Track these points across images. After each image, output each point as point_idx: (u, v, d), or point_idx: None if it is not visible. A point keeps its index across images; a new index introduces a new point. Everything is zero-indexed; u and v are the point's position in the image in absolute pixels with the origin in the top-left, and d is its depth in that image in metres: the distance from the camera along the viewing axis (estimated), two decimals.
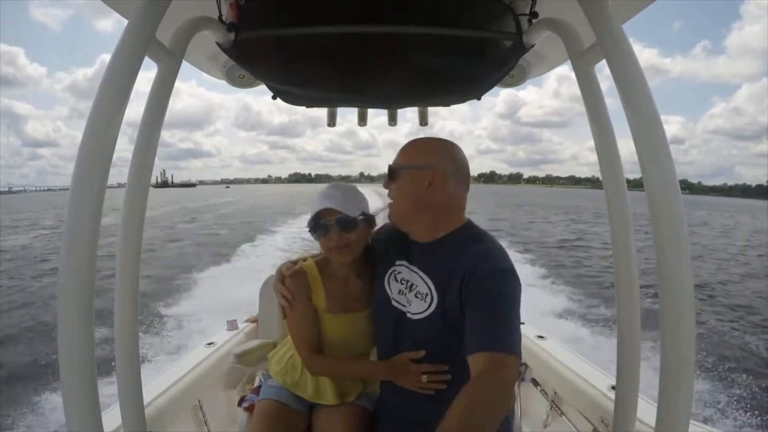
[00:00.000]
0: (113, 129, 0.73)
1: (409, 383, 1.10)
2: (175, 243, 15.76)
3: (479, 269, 0.99)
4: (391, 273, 1.18)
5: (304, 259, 1.29)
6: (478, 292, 0.98)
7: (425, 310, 1.06)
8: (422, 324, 1.07)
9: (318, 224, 1.17)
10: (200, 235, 18.63)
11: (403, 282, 1.14)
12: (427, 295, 1.07)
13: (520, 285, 1.01)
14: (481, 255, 1.03)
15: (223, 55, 1.13)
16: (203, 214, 29.73)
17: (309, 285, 1.23)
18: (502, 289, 0.99)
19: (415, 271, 1.12)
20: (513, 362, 0.92)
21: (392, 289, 1.16)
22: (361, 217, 1.19)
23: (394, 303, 1.14)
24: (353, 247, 1.20)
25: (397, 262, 1.18)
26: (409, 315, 1.10)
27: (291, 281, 1.22)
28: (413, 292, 1.10)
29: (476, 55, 1.19)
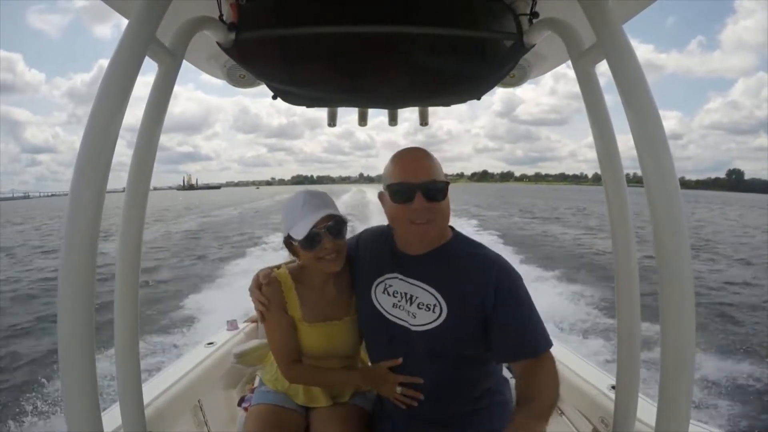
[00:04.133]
0: (114, 128, 0.73)
1: (384, 392, 1.13)
2: None
3: (502, 281, 1.03)
4: (377, 286, 1.15)
5: (278, 267, 1.27)
6: (508, 304, 1.02)
7: (434, 321, 1.05)
8: (432, 334, 1.05)
9: (313, 235, 1.11)
10: None
11: (396, 295, 1.11)
12: (435, 306, 1.05)
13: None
14: (496, 265, 1.06)
15: (224, 54, 1.13)
16: None
17: (282, 295, 1.21)
18: (524, 293, 1.05)
19: (413, 283, 1.09)
20: (551, 354, 1.04)
21: (382, 303, 1.13)
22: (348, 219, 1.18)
23: (390, 317, 1.11)
24: (344, 253, 1.17)
25: (387, 276, 1.14)
26: (413, 328, 1.07)
27: (267, 289, 1.20)
28: (414, 304, 1.08)
29: (477, 55, 1.18)
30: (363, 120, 2.02)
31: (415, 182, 1.03)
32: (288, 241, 1.19)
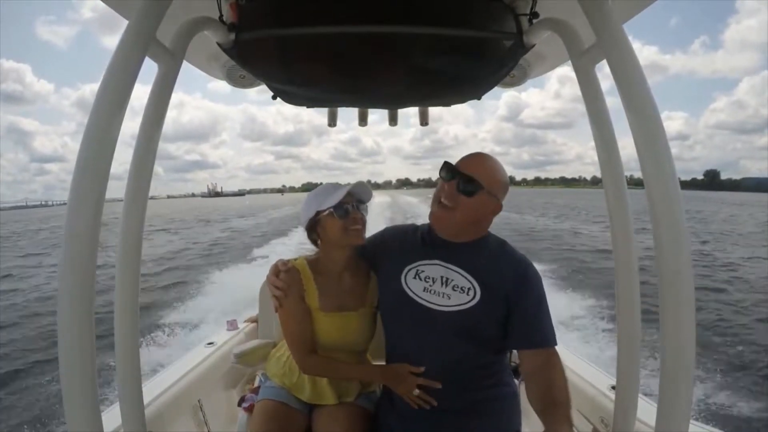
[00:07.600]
0: (114, 128, 0.73)
1: (401, 391, 1.14)
2: None
3: (527, 276, 1.14)
4: (407, 272, 1.19)
5: (295, 259, 1.29)
6: (529, 297, 1.13)
7: (468, 302, 1.12)
8: (463, 314, 1.11)
9: (345, 204, 1.20)
10: None
11: (429, 279, 1.16)
12: (469, 288, 1.13)
13: None
14: (523, 263, 1.17)
15: (224, 55, 1.13)
16: None
17: (302, 284, 1.23)
18: (543, 292, 1.16)
19: (450, 268, 1.16)
20: (558, 353, 1.14)
21: (412, 287, 1.17)
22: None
23: (418, 300, 1.15)
24: (365, 229, 1.24)
25: (420, 262, 1.18)
26: (443, 309, 1.12)
27: (286, 276, 1.22)
28: (450, 286, 1.14)
29: (477, 54, 1.18)
30: (363, 120, 2.03)
31: (459, 170, 1.13)
32: (312, 225, 1.24)
